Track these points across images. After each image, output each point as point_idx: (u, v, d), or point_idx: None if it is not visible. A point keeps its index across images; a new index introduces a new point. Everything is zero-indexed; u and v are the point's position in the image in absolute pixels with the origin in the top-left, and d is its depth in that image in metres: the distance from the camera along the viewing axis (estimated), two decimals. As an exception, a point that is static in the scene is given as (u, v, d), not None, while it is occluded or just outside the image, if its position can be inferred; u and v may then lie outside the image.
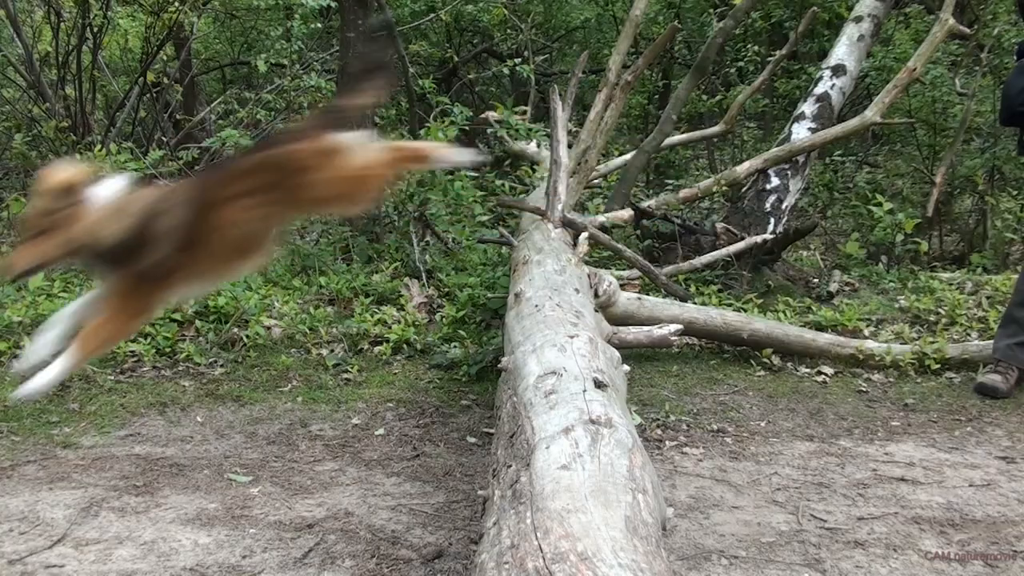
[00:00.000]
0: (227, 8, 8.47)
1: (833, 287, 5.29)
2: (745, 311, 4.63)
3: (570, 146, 5.19)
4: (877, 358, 4.12)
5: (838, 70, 6.39)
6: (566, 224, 4.47)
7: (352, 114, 2.22)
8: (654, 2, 9.71)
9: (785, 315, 4.70)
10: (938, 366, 4.06)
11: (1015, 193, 6.61)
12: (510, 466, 1.87)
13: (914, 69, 5.67)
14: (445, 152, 2.34)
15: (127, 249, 1.97)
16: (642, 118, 10.40)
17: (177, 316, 4.22)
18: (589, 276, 3.94)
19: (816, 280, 5.49)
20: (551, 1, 10.37)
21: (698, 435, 3.35)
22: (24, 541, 2.39)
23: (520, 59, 8.46)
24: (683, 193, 6.10)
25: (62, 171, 1.95)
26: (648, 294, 4.46)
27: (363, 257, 5.41)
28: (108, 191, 1.98)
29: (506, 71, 8.53)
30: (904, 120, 6.93)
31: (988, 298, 4.98)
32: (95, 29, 6.10)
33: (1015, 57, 4.04)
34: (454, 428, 3.41)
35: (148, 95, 6.95)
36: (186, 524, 2.53)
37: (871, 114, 5.80)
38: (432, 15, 9.11)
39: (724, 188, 6.10)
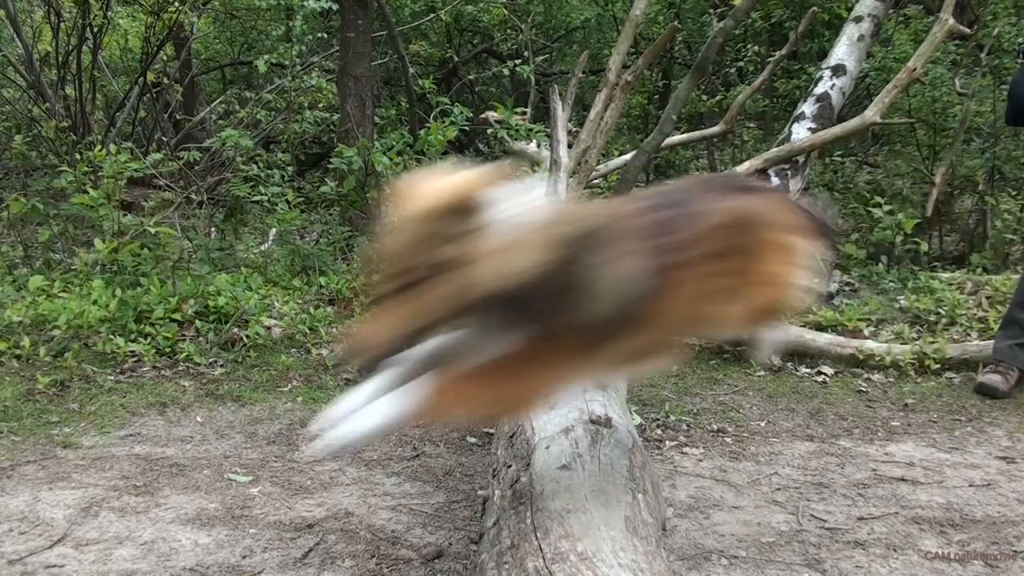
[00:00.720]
0: (227, 8, 8.47)
1: (833, 287, 5.28)
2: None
3: (570, 146, 5.19)
4: (877, 358, 4.11)
5: (838, 70, 6.39)
6: (566, 224, 4.46)
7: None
8: (654, 2, 9.70)
9: (785, 315, 4.69)
10: (938, 366, 4.06)
11: (1015, 193, 6.60)
12: (510, 466, 1.87)
13: (914, 69, 5.66)
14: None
15: (539, 295, 1.26)
16: (642, 118, 10.39)
17: (177, 316, 4.22)
18: (589, 276, 3.94)
19: (816, 280, 5.48)
20: (551, 1, 10.36)
21: (698, 435, 3.35)
22: (24, 541, 2.39)
23: (520, 59, 8.46)
24: (683, 193, 6.09)
25: (443, 182, 1.25)
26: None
27: (363, 257, 5.41)
28: (515, 206, 1.27)
29: (506, 71, 8.53)
30: (904, 120, 6.92)
31: (988, 298, 4.98)
32: (95, 29, 6.10)
33: (1017, 57, 4.04)
34: (454, 428, 3.41)
35: (148, 95, 6.95)
36: (186, 524, 2.53)
37: (871, 114, 5.79)
38: (432, 15, 9.11)
39: (724, 188, 6.09)
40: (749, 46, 8.53)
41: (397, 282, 1.21)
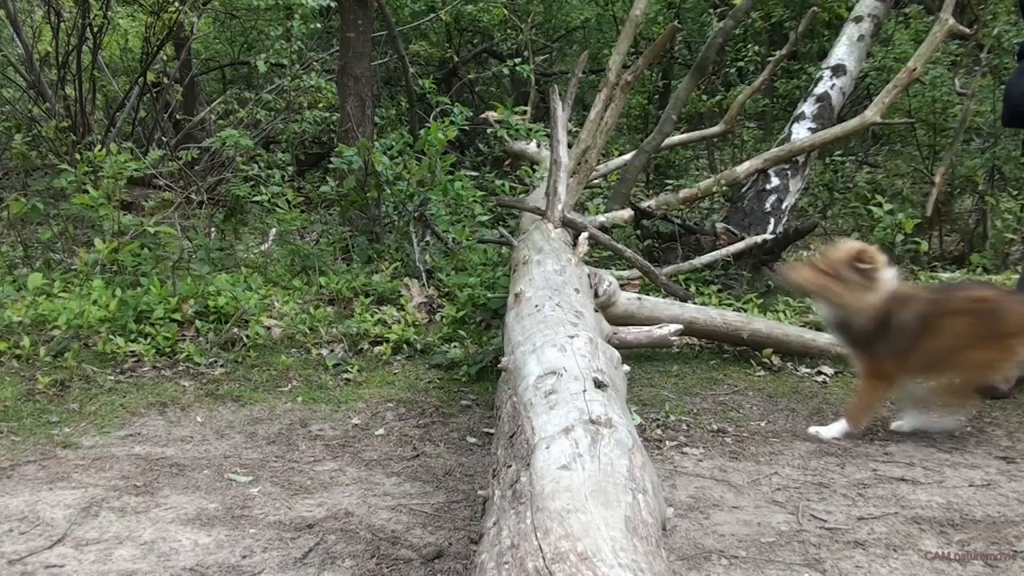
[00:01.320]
0: (227, 8, 8.48)
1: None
2: (745, 311, 4.63)
3: (570, 146, 5.19)
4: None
5: (838, 70, 6.39)
6: (566, 224, 4.47)
7: None
8: (654, 2, 9.71)
9: (785, 315, 4.70)
10: (938, 366, 4.06)
11: (1015, 193, 6.61)
12: (510, 466, 1.87)
13: (914, 69, 5.66)
14: None
15: (868, 331, 2.92)
16: (642, 118, 10.40)
17: (177, 316, 4.22)
18: (589, 276, 3.94)
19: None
20: (551, 1, 10.37)
21: (698, 435, 3.35)
22: (24, 541, 2.39)
23: (520, 59, 8.47)
24: (683, 193, 6.10)
25: (867, 251, 2.87)
26: (648, 294, 4.46)
27: (363, 257, 5.41)
28: (886, 279, 2.89)
29: (506, 71, 8.54)
30: (904, 120, 6.93)
31: (988, 298, 4.98)
32: (95, 29, 6.11)
33: (1015, 58, 4.04)
34: (454, 428, 3.41)
35: (148, 95, 6.96)
36: (186, 524, 2.53)
37: (871, 114, 5.80)
38: (432, 15, 9.11)
39: (724, 188, 6.10)
40: (749, 46, 8.53)
41: (820, 266, 2.96)
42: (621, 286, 4.23)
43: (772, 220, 5.77)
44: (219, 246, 5.36)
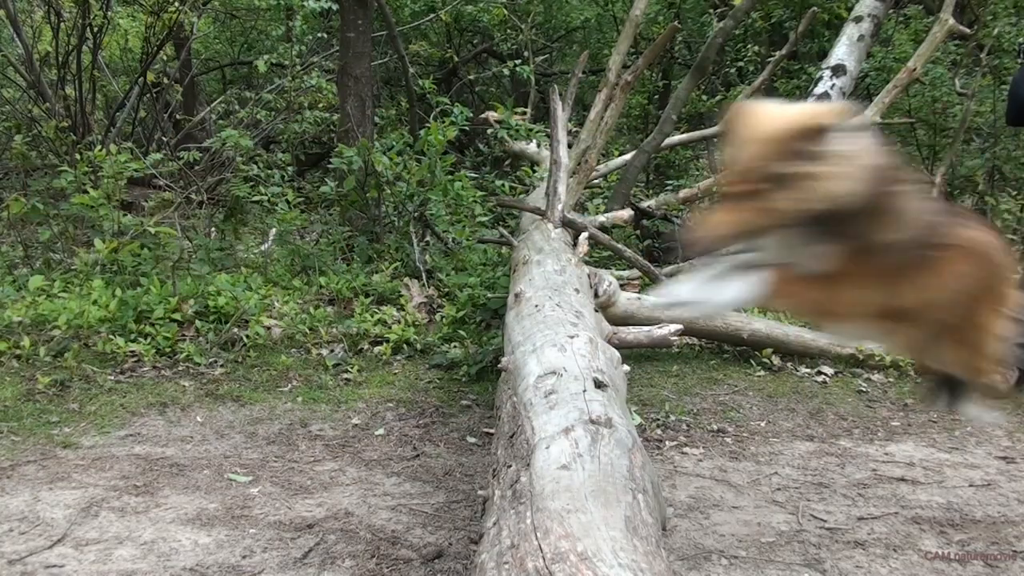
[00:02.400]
0: (227, 8, 8.48)
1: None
2: (745, 311, 4.62)
3: (570, 146, 5.19)
4: (877, 358, 4.12)
5: (838, 70, 6.39)
6: (566, 224, 4.47)
7: None
8: (654, 2, 9.71)
9: (785, 315, 4.70)
10: (938, 366, 4.06)
11: (1015, 193, 6.60)
12: (510, 466, 1.87)
13: (914, 69, 5.66)
14: None
15: (854, 218, 1.53)
16: (642, 118, 10.39)
17: (177, 316, 4.22)
18: (589, 276, 3.94)
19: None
20: (551, 1, 10.36)
21: (698, 435, 3.35)
22: (24, 541, 2.39)
23: (520, 59, 8.47)
24: (683, 193, 6.10)
25: (795, 113, 1.50)
26: (648, 294, 4.46)
27: (363, 257, 5.41)
28: (849, 140, 1.51)
29: (506, 71, 8.54)
30: (904, 120, 6.92)
31: (988, 298, 4.98)
32: (95, 29, 6.11)
33: (1018, 57, 4.04)
34: (454, 428, 3.41)
35: (148, 95, 6.96)
36: (186, 524, 2.53)
37: (871, 114, 5.80)
38: (432, 15, 9.11)
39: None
40: (749, 46, 8.53)
41: (741, 188, 1.43)
42: (621, 286, 4.23)
43: (772, 220, 5.76)
44: (219, 246, 5.36)
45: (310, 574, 2.26)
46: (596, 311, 3.47)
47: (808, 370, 4.14)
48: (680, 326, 3.91)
